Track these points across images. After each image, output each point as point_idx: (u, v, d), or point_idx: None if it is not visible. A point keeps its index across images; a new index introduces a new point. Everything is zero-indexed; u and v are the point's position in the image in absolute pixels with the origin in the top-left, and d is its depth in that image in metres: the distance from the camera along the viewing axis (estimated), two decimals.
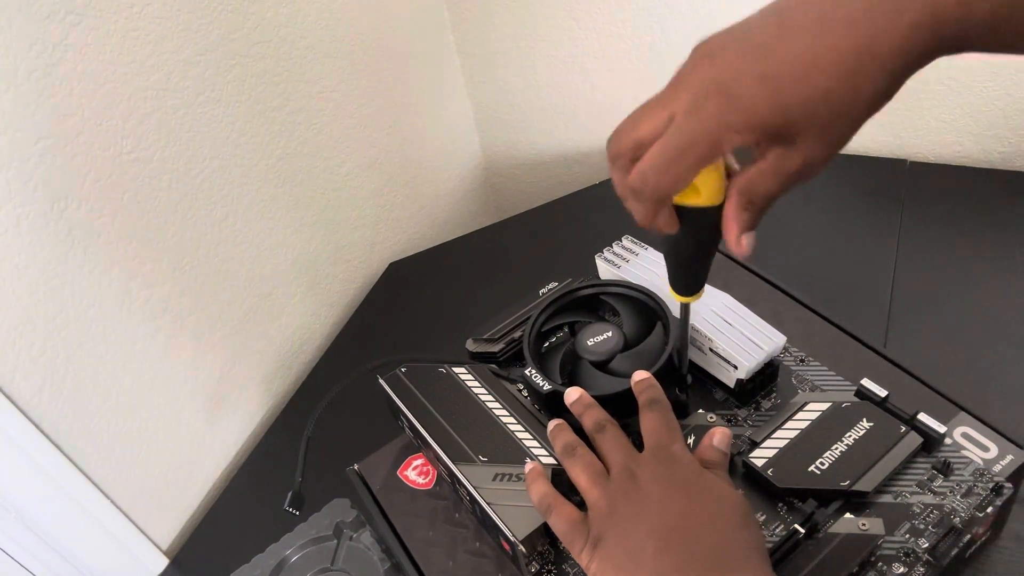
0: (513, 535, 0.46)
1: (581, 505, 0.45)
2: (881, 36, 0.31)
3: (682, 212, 0.39)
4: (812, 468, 0.48)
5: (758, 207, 0.37)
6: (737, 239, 0.37)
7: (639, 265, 0.61)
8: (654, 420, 0.46)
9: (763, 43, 0.33)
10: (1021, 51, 0.31)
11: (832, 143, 0.34)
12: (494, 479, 0.49)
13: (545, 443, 0.51)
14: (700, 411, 0.53)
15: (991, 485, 0.47)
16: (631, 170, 0.37)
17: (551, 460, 0.50)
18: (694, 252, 0.43)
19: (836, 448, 0.49)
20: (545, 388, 0.52)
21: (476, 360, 0.60)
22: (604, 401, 0.51)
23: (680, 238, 0.41)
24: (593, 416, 0.48)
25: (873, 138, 0.95)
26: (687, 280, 0.46)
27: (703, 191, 0.37)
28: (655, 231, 0.40)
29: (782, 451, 0.49)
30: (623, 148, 0.37)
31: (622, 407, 0.51)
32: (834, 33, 0.31)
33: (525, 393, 0.57)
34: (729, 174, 0.38)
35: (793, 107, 0.32)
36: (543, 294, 0.62)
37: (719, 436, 0.47)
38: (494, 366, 0.59)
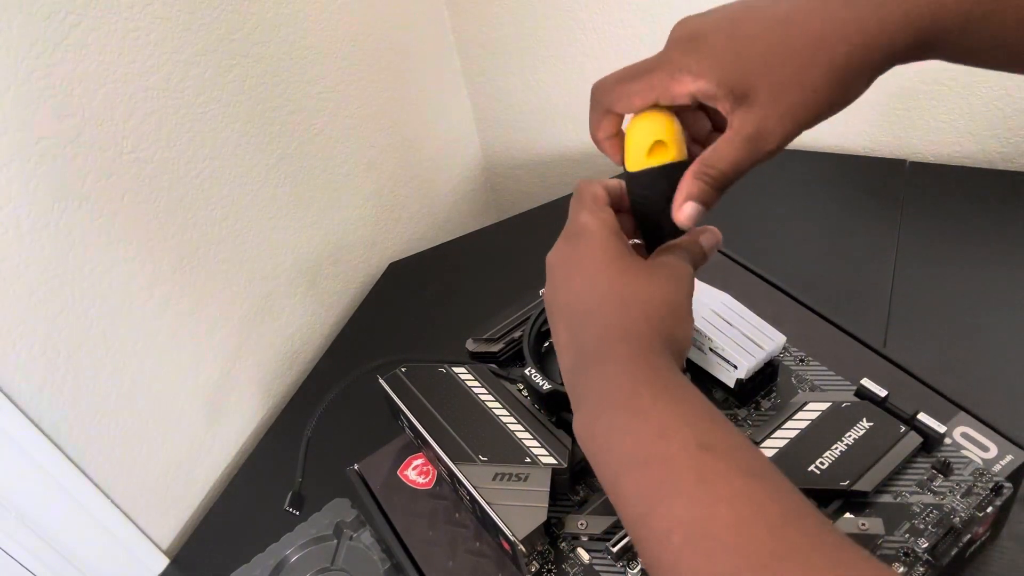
0: (513, 535, 0.46)
1: (582, 505, 0.45)
2: (849, 20, 0.32)
3: (653, 174, 0.40)
4: (812, 468, 0.48)
5: (712, 177, 0.37)
6: (681, 204, 0.38)
7: None
8: None
9: (746, 8, 0.35)
10: (985, 62, 0.32)
11: (783, 112, 0.34)
12: (494, 479, 0.49)
13: (545, 443, 0.51)
14: None
15: (991, 485, 0.47)
16: None
17: (551, 460, 0.50)
18: (655, 213, 0.42)
19: (836, 448, 0.49)
20: (545, 388, 0.52)
21: (476, 360, 0.60)
22: None
23: (650, 203, 0.41)
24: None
25: (873, 138, 0.95)
26: (650, 241, 0.44)
27: (670, 144, 0.38)
28: (601, 150, 0.42)
29: (782, 451, 0.49)
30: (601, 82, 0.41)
31: None
32: (809, 6, 0.33)
33: (525, 393, 0.57)
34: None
35: (752, 60, 0.34)
36: (543, 294, 0.62)
37: (708, 236, 0.44)
38: (494, 366, 0.59)
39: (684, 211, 0.38)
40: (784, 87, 0.34)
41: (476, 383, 0.56)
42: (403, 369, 0.58)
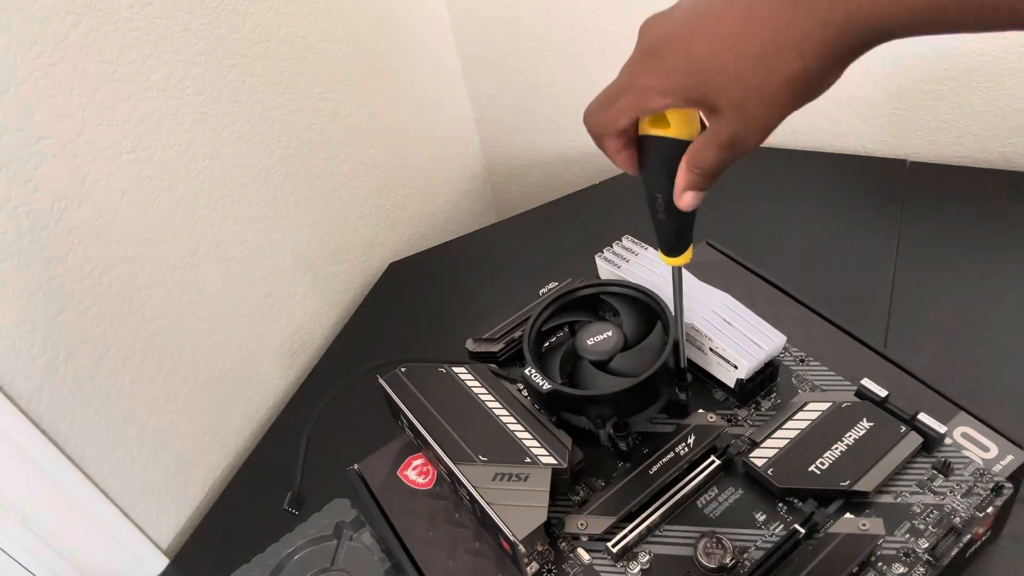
0: (513, 535, 0.46)
1: (582, 505, 0.44)
2: (795, 25, 0.32)
3: (652, 142, 0.40)
4: (812, 468, 0.48)
5: (701, 172, 0.38)
6: (680, 193, 0.40)
7: (639, 265, 0.61)
8: None
9: (702, 16, 0.35)
10: (968, 30, 0.30)
11: (750, 122, 0.35)
12: (494, 479, 0.49)
13: (545, 443, 0.51)
14: (700, 411, 0.53)
15: (991, 485, 0.47)
16: None
17: (551, 460, 0.50)
18: (668, 193, 0.41)
19: (836, 448, 0.49)
20: (545, 388, 0.52)
21: (476, 360, 0.60)
22: (604, 401, 0.51)
23: (652, 173, 0.41)
24: None
25: (873, 138, 0.95)
26: (667, 232, 0.44)
27: (671, 123, 0.39)
28: (619, 166, 0.42)
29: (782, 451, 0.49)
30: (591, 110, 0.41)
31: (622, 407, 0.51)
32: (757, 17, 0.33)
33: (525, 393, 0.57)
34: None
35: (708, 81, 0.34)
36: (543, 294, 0.62)
37: None
38: (494, 366, 0.59)
39: (684, 199, 0.40)
40: (745, 101, 0.34)
41: (476, 383, 0.56)
42: (403, 369, 0.58)
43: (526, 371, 0.53)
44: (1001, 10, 0.28)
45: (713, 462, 0.51)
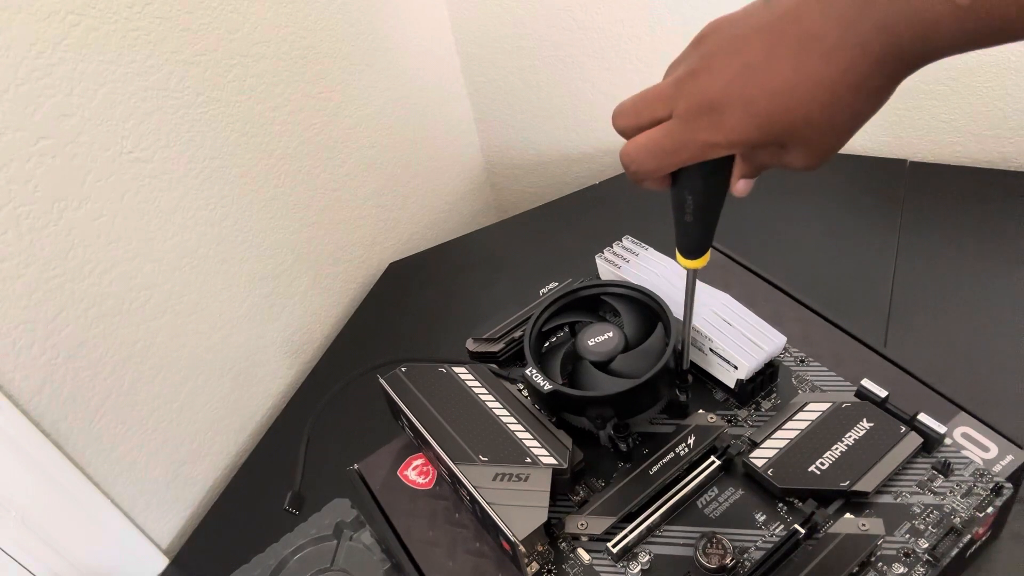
0: (513, 535, 0.46)
1: (582, 505, 0.44)
2: (852, 68, 0.33)
3: None
4: (812, 468, 0.48)
5: (759, 169, 0.40)
6: (735, 184, 0.41)
7: (639, 265, 0.61)
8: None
9: (752, 63, 0.35)
10: (998, 43, 0.32)
11: (820, 153, 0.36)
12: (494, 479, 0.49)
13: (545, 443, 0.51)
14: (700, 411, 0.53)
15: (991, 485, 0.47)
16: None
17: (551, 460, 0.50)
18: (701, 198, 0.42)
19: (836, 448, 0.49)
20: (546, 388, 0.52)
21: (476, 360, 0.60)
22: (604, 401, 0.51)
23: (687, 179, 0.41)
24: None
25: (873, 138, 0.95)
26: (692, 234, 0.44)
27: None
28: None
29: (782, 451, 0.49)
30: (627, 129, 0.40)
31: (623, 408, 0.51)
32: (811, 64, 0.33)
33: (525, 393, 0.57)
34: None
35: (775, 131, 0.35)
36: (543, 294, 0.62)
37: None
38: (494, 366, 0.59)
39: (739, 186, 0.41)
40: (813, 141, 0.35)
41: (476, 383, 0.56)
42: (403, 369, 0.58)
43: (527, 371, 0.53)
44: None
45: (713, 462, 0.51)
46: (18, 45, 0.58)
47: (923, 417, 0.49)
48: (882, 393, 0.51)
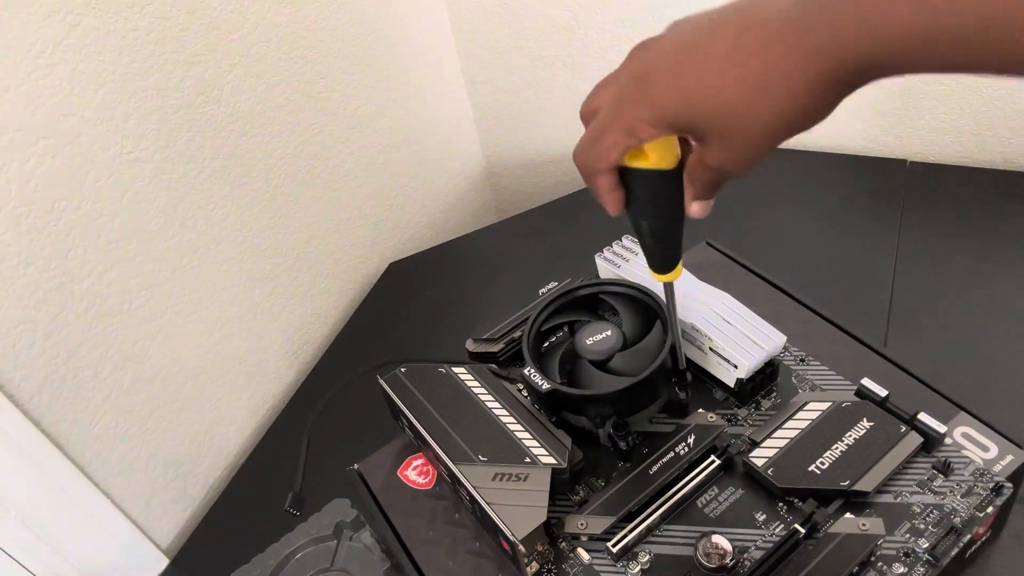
0: (513, 535, 0.46)
1: (582, 505, 0.44)
2: (785, 60, 0.31)
3: (634, 175, 0.40)
4: (812, 468, 0.48)
5: (700, 185, 0.39)
6: (688, 204, 0.40)
7: (639, 265, 0.61)
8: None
9: (693, 44, 0.34)
10: (967, 71, 0.29)
11: (739, 151, 0.35)
12: (494, 479, 0.49)
13: (545, 443, 0.51)
14: (700, 411, 0.53)
15: (991, 485, 0.47)
16: None
17: (551, 460, 0.50)
18: (654, 220, 0.42)
19: (836, 448, 0.49)
20: (545, 387, 0.52)
21: (476, 360, 0.60)
22: (604, 400, 0.51)
23: (637, 203, 0.41)
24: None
25: (873, 138, 0.95)
26: (655, 253, 0.45)
27: (650, 155, 0.39)
28: (602, 205, 0.41)
29: (782, 451, 0.49)
30: (583, 114, 0.40)
31: (622, 406, 0.51)
32: (747, 50, 0.32)
33: (525, 393, 0.57)
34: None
35: (696, 113, 0.34)
36: (543, 294, 0.62)
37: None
38: (494, 366, 0.59)
39: (693, 208, 0.40)
40: (732, 133, 0.34)
41: (476, 383, 0.56)
42: (403, 369, 0.58)
43: (526, 371, 0.53)
44: (993, 56, 0.27)
45: (713, 462, 0.51)
46: (18, 45, 0.58)
47: (923, 417, 0.49)
48: (882, 393, 0.51)
